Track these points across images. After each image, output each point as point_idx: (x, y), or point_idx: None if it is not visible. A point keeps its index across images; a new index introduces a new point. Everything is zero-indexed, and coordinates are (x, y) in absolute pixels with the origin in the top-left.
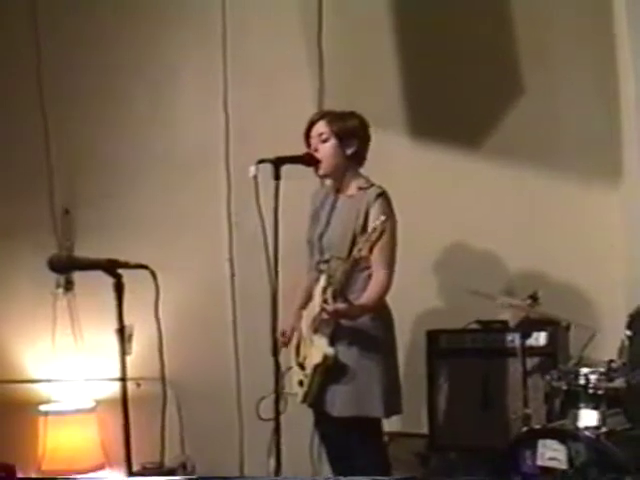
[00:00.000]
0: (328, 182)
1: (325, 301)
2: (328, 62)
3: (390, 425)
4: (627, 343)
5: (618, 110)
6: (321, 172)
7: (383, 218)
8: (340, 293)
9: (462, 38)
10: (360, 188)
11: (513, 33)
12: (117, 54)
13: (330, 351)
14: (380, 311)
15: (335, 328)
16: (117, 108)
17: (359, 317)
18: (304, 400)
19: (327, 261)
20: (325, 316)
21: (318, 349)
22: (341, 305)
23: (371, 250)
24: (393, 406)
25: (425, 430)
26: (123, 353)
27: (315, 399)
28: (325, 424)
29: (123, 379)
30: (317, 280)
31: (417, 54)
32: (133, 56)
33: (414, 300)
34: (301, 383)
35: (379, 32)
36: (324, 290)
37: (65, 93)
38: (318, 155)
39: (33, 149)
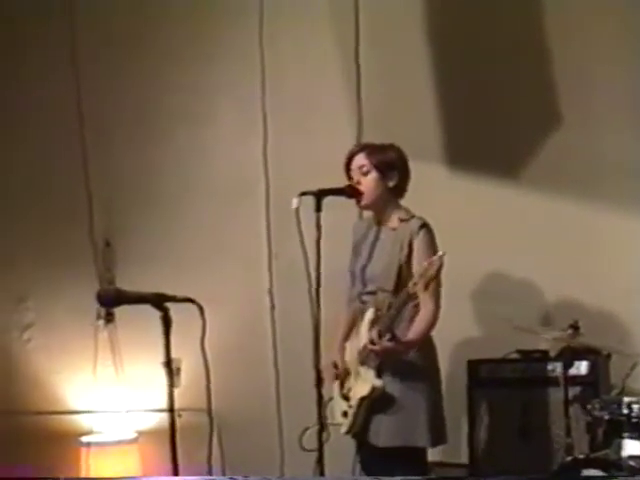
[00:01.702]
0: (368, 214)
1: (372, 342)
2: (366, 93)
3: (430, 455)
4: None
5: None
6: (363, 204)
7: (441, 253)
8: (388, 328)
9: (500, 68)
10: (401, 220)
11: (551, 63)
12: (157, 86)
13: (378, 383)
14: (424, 341)
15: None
16: (157, 140)
17: (407, 354)
18: (349, 431)
19: (372, 293)
20: (373, 354)
21: (365, 381)
22: (389, 344)
23: (427, 286)
24: (439, 435)
25: (465, 460)
26: (171, 386)
27: (360, 430)
28: (368, 454)
29: (171, 410)
30: (361, 312)
31: (455, 84)
32: (172, 88)
33: (453, 330)
34: (345, 414)
35: (417, 62)
36: (371, 323)
37: (105, 124)
38: (361, 188)
39: (73, 180)
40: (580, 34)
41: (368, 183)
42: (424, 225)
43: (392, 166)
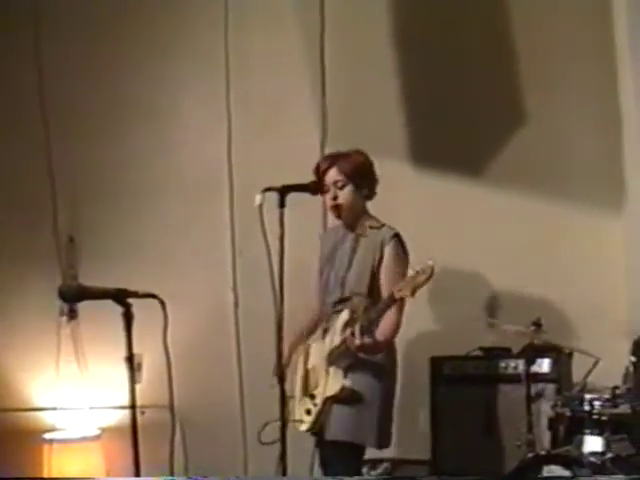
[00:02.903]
0: (335, 223)
1: (353, 334)
2: (331, 90)
3: (393, 452)
4: (631, 369)
5: (621, 135)
6: (343, 216)
7: (431, 263)
8: (368, 328)
9: (466, 66)
10: (372, 227)
11: (515, 60)
12: (121, 83)
13: (348, 383)
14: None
15: (351, 362)
16: (122, 137)
17: (378, 353)
18: (311, 428)
19: (346, 299)
20: (352, 347)
21: (335, 381)
22: (368, 340)
23: (414, 292)
24: (385, 438)
25: (428, 456)
26: (133, 381)
27: (322, 427)
28: (323, 449)
29: (133, 407)
30: (330, 316)
31: (420, 81)
32: (137, 85)
33: (416, 326)
34: (309, 412)
35: (382, 59)
36: (346, 324)
37: (70, 122)
38: (339, 202)
39: (37, 176)
40: (545, 33)
41: (346, 196)
42: (396, 235)
43: (363, 175)
